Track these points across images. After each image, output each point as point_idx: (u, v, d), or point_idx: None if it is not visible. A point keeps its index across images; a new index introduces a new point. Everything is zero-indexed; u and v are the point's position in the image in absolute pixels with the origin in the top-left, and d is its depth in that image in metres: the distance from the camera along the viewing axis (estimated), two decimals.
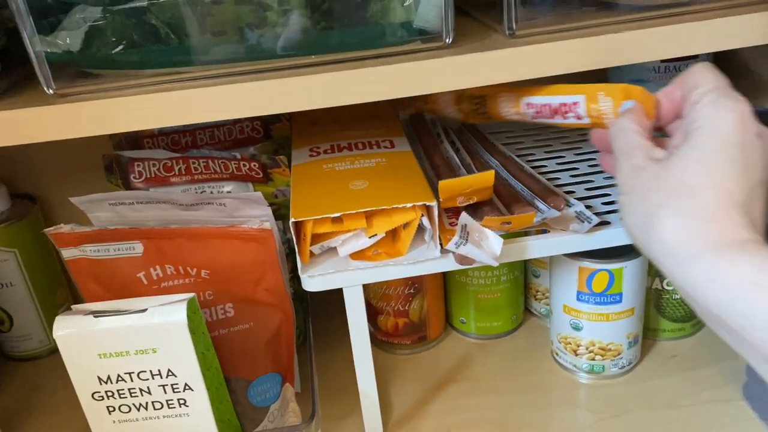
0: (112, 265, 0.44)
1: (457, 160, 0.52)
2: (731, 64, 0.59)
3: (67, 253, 0.44)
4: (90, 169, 0.66)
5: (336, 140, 0.53)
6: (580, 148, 0.59)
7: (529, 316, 0.64)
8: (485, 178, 0.43)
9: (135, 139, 0.59)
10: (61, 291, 0.66)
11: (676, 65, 0.55)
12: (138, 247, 0.44)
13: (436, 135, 0.57)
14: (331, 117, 0.58)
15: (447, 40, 0.40)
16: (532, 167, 0.54)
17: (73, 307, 0.41)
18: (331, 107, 0.39)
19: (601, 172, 0.54)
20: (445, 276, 0.61)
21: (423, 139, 0.57)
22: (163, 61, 0.38)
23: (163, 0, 0.37)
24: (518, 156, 0.56)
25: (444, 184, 0.42)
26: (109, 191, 0.48)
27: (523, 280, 0.62)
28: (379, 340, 0.61)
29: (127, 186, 0.54)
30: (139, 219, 0.47)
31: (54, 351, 0.65)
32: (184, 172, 0.54)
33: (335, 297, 0.46)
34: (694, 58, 0.55)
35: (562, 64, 0.40)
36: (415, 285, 0.57)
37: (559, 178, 0.53)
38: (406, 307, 0.58)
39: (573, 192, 0.50)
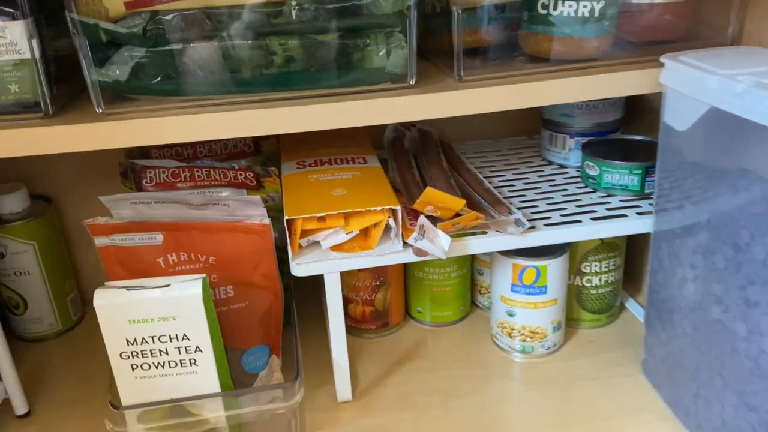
0: (136, 251, 0.55)
1: (418, 178, 0.64)
2: (640, 101, 0.73)
3: (99, 241, 0.54)
4: (98, 176, 0.76)
5: (319, 156, 0.65)
6: (528, 176, 0.72)
7: (475, 308, 0.76)
8: (457, 202, 0.55)
9: (144, 150, 0.69)
10: (70, 282, 0.75)
11: (594, 104, 0.68)
12: (159, 237, 0.54)
13: (411, 156, 0.69)
14: (315, 137, 0.70)
15: (411, 82, 0.52)
16: (490, 183, 0.66)
17: (105, 283, 0.51)
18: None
19: (534, 189, 0.67)
20: (405, 272, 0.72)
21: (398, 158, 0.68)
22: (190, 91, 0.49)
23: (194, 45, 0.48)
24: (482, 174, 0.68)
25: (429, 191, 0.54)
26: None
27: (470, 277, 0.74)
28: (349, 325, 0.72)
29: (140, 189, 0.64)
30: (154, 216, 0.57)
31: (60, 334, 0.74)
32: (189, 179, 0.64)
33: (312, 291, 0.57)
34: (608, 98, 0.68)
35: (499, 104, 0.52)
36: (381, 278, 0.69)
37: (504, 192, 0.65)
38: (373, 297, 0.69)
39: (512, 203, 0.63)
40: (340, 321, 0.58)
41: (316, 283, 0.79)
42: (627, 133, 0.71)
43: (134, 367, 0.51)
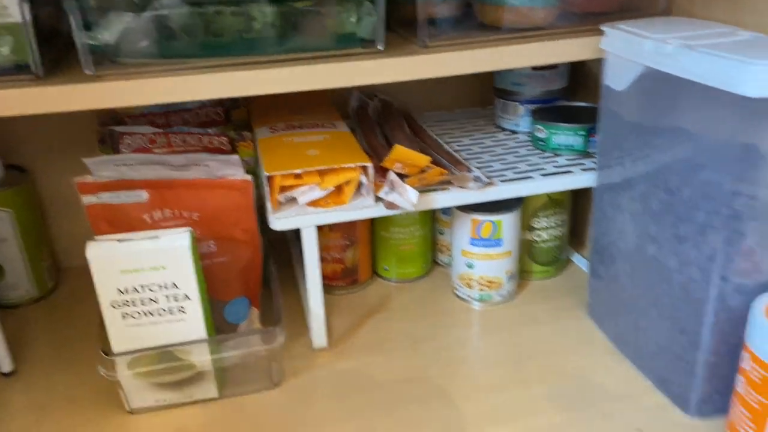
0: (122, 209, 0.58)
1: (383, 142, 0.69)
2: (583, 71, 0.79)
3: (86, 200, 0.57)
4: (71, 146, 0.78)
5: (290, 122, 0.69)
6: (483, 141, 0.78)
7: (436, 266, 0.82)
8: (422, 158, 0.60)
9: (118, 118, 0.72)
10: (46, 249, 0.77)
11: (542, 73, 0.75)
12: (144, 195, 0.57)
13: (375, 124, 0.73)
14: (284, 105, 0.74)
15: (380, 47, 0.56)
16: (450, 147, 0.71)
17: (96, 237, 0.54)
18: (283, 98, 0.54)
19: (489, 152, 0.73)
20: (372, 232, 0.77)
21: (363, 126, 0.73)
22: (175, 54, 0.53)
23: (179, 10, 0.51)
24: (442, 140, 0.73)
25: (398, 148, 0.58)
26: None
27: (431, 237, 0.79)
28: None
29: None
30: (136, 177, 0.60)
31: (36, 300, 0.76)
32: (165, 145, 0.67)
33: (283, 255, 0.60)
34: (555, 67, 0.75)
35: (459, 68, 0.57)
36: (351, 238, 0.73)
37: (463, 155, 0.71)
38: (343, 256, 0.74)
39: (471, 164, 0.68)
40: (315, 270, 0.62)
41: (286, 246, 0.83)
42: (572, 100, 0.78)
43: (125, 315, 0.55)
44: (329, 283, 0.76)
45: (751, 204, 0.47)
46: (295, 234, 0.83)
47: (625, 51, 0.55)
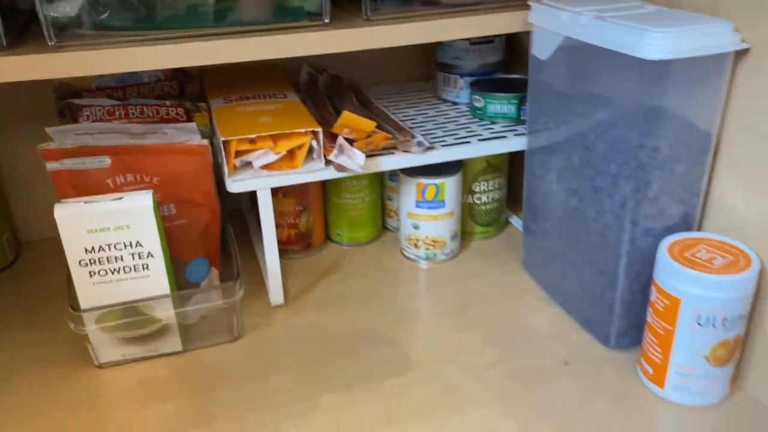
0: (86, 174, 0.61)
1: (333, 112, 0.73)
2: (517, 46, 0.86)
3: (50, 166, 0.60)
4: (29, 123, 0.80)
5: (242, 93, 0.73)
6: (426, 112, 0.83)
7: (385, 231, 0.87)
8: (368, 123, 0.65)
9: (75, 92, 0.74)
10: (5, 222, 0.79)
11: (480, 47, 0.81)
12: (107, 160, 0.61)
13: (325, 96, 0.78)
14: (236, 78, 0.77)
15: (326, 20, 0.61)
16: (396, 117, 0.76)
17: (62, 200, 0.57)
18: (237, 72, 0.58)
19: (432, 122, 0.78)
20: (324, 199, 0.82)
21: (313, 98, 0.77)
22: (133, 27, 0.56)
23: None
24: (388, 111, 0.78)
25: (346, 114, 0.63)
26: None
27: (380, 202, 0.84)
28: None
29: None
30: (101, 143, 0.63)
31: None
32: (123, 116, 0.70)
33: (237, 222, 0.64)
34: (491, 42, 0.81)
35: (398, 39, 0.62)
36: (304, 203, 0.78)
37: (408, 124, 0.76)
38: (297, 221, 0.79)
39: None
40: (272, 230, 0.67)
41: (241, 217, 0.87)
42: (507, 73, 0.84)
43: (92, 273, 0.58)
44: (284, 248, 0.80)
45: (654, 155, 0.54)
46: (251, 204, 0.87)
47: (548, 23, 0.61)
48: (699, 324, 0.52)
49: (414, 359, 0.63)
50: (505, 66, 0.85)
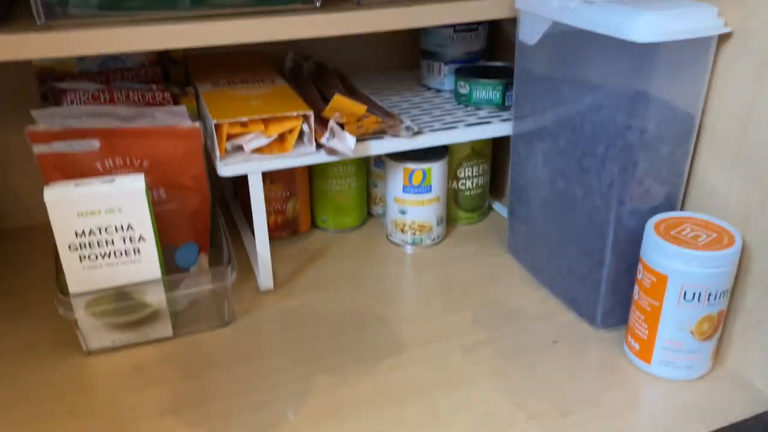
0: (74, 158, 0.60)
1: (320, 98, 0.74)
2: (499, 34, 0.87)
3: (37, 149, 0.59)
4: (9, 105, 0.78)
5: (230, 78, 0.72)
6: (411, 99, 0.84)
7: (370, 217, 0.88)
8: (359, 107, 0.65)
9: (58, 77, 0.73)
10: None
11: (463, 35, 0.82)
12: (95, 144, 0.60)
13: (310, 82, 0.78)
14: (221, 64, 0.77)
15: (317, 4, 0.61)
16: (383, 104, 0.77)
17: (51, 183, 0.56)
18: (221, 58, 0.58)
19: (417, 108, 0.79)
20: (311, 185, 0.82)
21: (299, 83, 0.77)
22: (123, 7, 0.55)
23: None
24: (374, 98, 0.79)
25: (338, 97, 0.63)
26: None
27: (366, 189, 0.85)
28: None
29: None
30: (89, 126, 0.62)
31: None
32: (108, 101, 0.69)
33: (227, 213, 0.64)
34: (475, 30, 0.82)
35: (389, 23, 0.63)
36: (291, 189, 0.78)
37: (396, 111, 0.77)
38: (284, 207, 0.79)
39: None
40: (262, 215, 0.67)
41: (226, 205, 0.87)
42: (489, 61, 0.85)
43: (82, 258, 0.58)
44: (271, 234, 0.80)
45: (641, 136, 0.55)
46: (234, 190, 0.87)
47: (536, 8, 0.62)
48: (685, 299, 0.54)
49: (405, 339, 0.64)
50: (488, 54, 0.86)
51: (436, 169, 0.76)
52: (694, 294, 0.54)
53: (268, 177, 0.76)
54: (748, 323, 0.57)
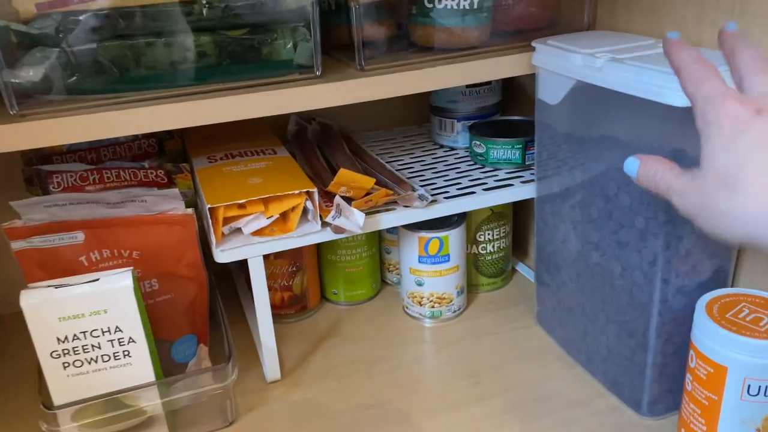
0: (57, 252, 0.55)
1: (325, 165, 0.68)
2: (516, 86, 0.81)
3: (16, 245, 0.54)
4: None
5: (228, 150, 0.67)
6: (423, 159, 0.78)
7: (385, 285, 0.82)
8: (367, 180, 0.60)
9: (45, 157, 0.69)
10: None
11: (476, 90, 0.76)
12: (80, 236, 0.55)
13: (315, 147, 0.73)
14: (221, 134, 0.72)
15: (317, 72, 0.56)
16: (392, 167, 0.71)
17: (29, 285, 0.51)
18: (219, 126, 0.54)
19: (430, 170, 0.73)
20: (319, 257, 0.76)
21: (303, 149, 0.72)
22: (105, 89, 0.51)
23: (108, 43, 0.49)
24: (383, 159, 0.73)
25: (343, 172, 0.58)
26: None
27: (379, 257, 0.79)
28: None
29: (47, 195, 0.63)
30: (70, 218, 0.57)
31: None
32: (98, 181, 0.64)
33: (228, 286, 0.59)
34: (488, 84, 0.76)
35: (396, 89, 0.57)
36: (297, 264, 0.72)
37: (405, 174, 0.71)
38: (290, 283, 0.73)
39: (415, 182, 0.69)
40: (265, 303, 0.61)
41: (229, 277, 0.81)
42: (506, 115, 0.80)
43: (66, 365, 0.52)
44: (278, 312, 0.74)
45: None
46: (239, 263, 0.81)
47: (556, 66, 0.56)
48: (749, 393, 0.47)
49: None
50: (503, 106, 0.81)
51: (454, 236, 0.70)
52: (760, 388, 0.47)
53: (273, 252, 0.70)
54: None
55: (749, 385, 0.47)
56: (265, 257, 0.67)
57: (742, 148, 0.35)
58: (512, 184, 0.69)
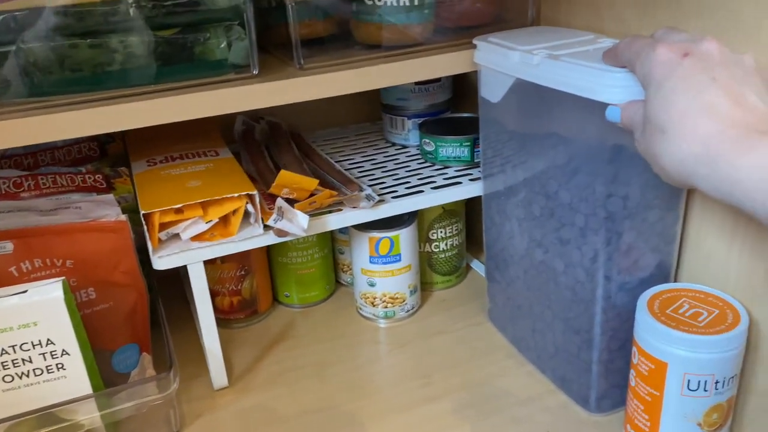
0: None
1: (271, 166, 0.67)
2: (465, 83, 0.81)
3: None
4: None
5: (169, 152, 0.65)
6: (374, 158, 0.77)
7: (340, 286, 0.80)
8: (310, 182, 0.59)
9: None
10: None
11: (426, 87, 0.75)
12: (8, 246, 0.53)
13: (263, 147, 0.71)
14: (164, 135, 0.70)
15: (254, 72, 0.55)
16: (341, 166, 0.70)
17: None
18: (162, 127, 0.52)
19: (380, 168, 0.72)
20: (270, 259, 0.75)
21: (250, 149, 0.71)
22: (32, 93, 0.49)
23: (29, 46, 0.47)
24: (333, 159, 0.72)
25: (284, 173, 0.57)
26: None
27: (332, 257, 0.78)
28: (218, 318, 0.72)
29: None
30: (2, 226, 0.55)
31: None
32: (33, 188, 0.62)
33: (174, 289, 0.57)
34: (438, 81, 0.76)
35: (337, 88, 0.56)
36: (246, 267, 0.71)
37: (355, 173, 0.70)
38: (239, 287, 0.71)
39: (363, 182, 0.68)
40: (208, 310, 0.60)
41: (178, 280, 0.79)
42: (456, 112, 0.79)
43: None
44: (227, 317, 0.73)
45: (624, 204, 0.49)
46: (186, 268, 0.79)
47: (496, 63, 0.56)
48: (689, 388, 0.47)
49: None
50: (455, 104, 0.80)
51: (405, 235, 0.69)
52: (699, 382, 0.47)
53: (215, 257, 0.69)
54: (761, 407, 0.50)
55: (689, 380, 0.47)
56: (212, 261, 0.66)
57: (667, 91, 0.36)
58: (461, 182, 0.68)
